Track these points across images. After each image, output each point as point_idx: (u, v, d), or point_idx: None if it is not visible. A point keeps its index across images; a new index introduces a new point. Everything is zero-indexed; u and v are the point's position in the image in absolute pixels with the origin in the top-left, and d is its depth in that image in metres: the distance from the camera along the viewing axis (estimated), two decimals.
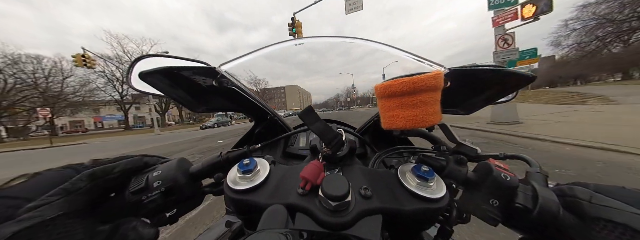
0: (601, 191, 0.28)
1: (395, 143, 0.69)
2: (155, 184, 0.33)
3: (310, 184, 0.31)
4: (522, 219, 0.30)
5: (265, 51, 0.52)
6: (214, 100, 0.59)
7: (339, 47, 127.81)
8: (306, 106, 0.42)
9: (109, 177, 0.30)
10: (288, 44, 0.54)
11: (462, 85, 0.41)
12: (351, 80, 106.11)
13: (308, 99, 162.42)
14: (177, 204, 0.36)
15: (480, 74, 0.40)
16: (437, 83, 0.31)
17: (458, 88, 0.40)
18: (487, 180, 0.33)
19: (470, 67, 0.40)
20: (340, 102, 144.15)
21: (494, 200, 0.32)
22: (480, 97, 0.47)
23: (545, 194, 0.30)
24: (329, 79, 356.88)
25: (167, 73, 0.41)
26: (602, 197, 0.27)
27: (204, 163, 0.40)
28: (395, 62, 46.45)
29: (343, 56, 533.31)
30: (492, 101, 0.48)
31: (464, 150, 0.40)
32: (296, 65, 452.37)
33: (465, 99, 0.49)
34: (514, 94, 0.49)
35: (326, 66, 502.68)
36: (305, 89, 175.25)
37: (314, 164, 0.34)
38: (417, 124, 0.32)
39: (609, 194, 0.27)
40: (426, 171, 0.34)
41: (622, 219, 0.24)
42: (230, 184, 0.33)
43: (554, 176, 1.65)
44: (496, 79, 0.40)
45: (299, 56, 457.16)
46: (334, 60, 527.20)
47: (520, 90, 0.49)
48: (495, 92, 0.44)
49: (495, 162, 0.36)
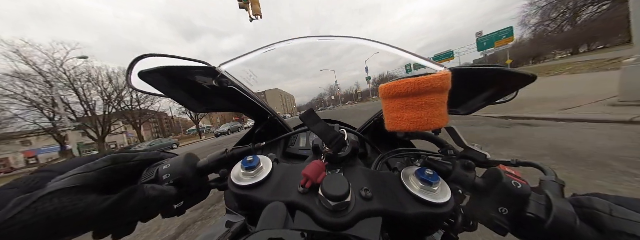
0: (622, 203, 0.27)
1: (398, 144, 0.69)
2: (164, 177, 0.35)
3: (310, 182, 0.31)
4: (534, 230, 0.29)
5: (265, 50, 0.53)
6: (214, 100, 0.59)
7: (316, 47, 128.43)
8: (290, 109, 0.43)
9: (128, 164, 0.34)
10: (287, 43, 0.55)
11: (461, 85, 0.41)
12: (333, 76, 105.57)
13: (291, 102, 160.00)
14: (184, 197, 0.37)
15: (480, 73, 0.40)
16: (443, 84, 0.30)
17: (458, 88, 0.40)
18: (495, 187, 0.32)
19: (470, 67, 0.40)
20: (324, 102, 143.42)
21: (503, 208, 0.31)
22: (480, 97, 0.47)
23: (560, 204, 0.29)
24: (309, 80, 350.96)
25: (167, 72, 0.41)
26: (624, 210, 0.26)
27: (210, 159, 0.41)
28: (377, 53, 46.32)
29: (321, 56, 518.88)
30: (491, 101, 0.48)
31: (472, 155, 0.39)
32: (275, 69, 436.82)
33: (465, 99, 0.50)
34: (514, 93, 0.49)
35: (305, 67, 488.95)
36: (288, 92, 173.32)
37: (316, 162, 0.34)
38: (422, 127, 0.31)
39: (631, 207, 0.26)
40: (430, 175, 0.33)
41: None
42: (234, 179, 0.34)
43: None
44: (496, 79, 0.40)
45: (277, 60, 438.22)
46: (313, 61, 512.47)
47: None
48: (495, 92, 0.44)
49: (505, 169, 0.35)
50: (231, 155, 0.42)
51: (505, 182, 0.32)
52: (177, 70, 0.42)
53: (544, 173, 0.37)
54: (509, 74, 0.37)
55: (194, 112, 0.59)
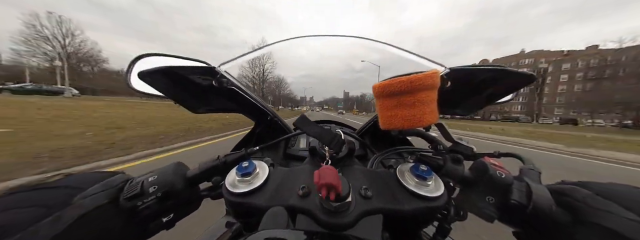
0: (607, 193, 0.27)
1: (394, 143, 0.69)
2: (150, 189, 0.32)
3: (333, 193, 0.28)
4: (517, 215, 0.31)
5: (265, 50, 0.53)
6: (214, 100, 0.59)
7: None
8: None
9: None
10: (287, 43, 0.55)
11: (462, 84, 0.41)
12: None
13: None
14: (173, 209, 0.35)
15: (480, 73, 0.40)
16: (433, 82, 0.31)
17: (458, 88, 0.41)
18: (483, 178, 0.34)
19: (471, 66, 0.40)
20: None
21: (490, 197, 0.33)
22: (480, 97, 0.48)
23: (538, 190, 0.31)
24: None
25: (167, 72, 0.40)
26: (604, 201, 0.26)
27: (201, 167, 0.39)
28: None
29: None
30: (492, 101, 0.48)
31: (460, 149, 0.40)
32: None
33: (465, 98, 0.50)
34: (514, 93, 0.50)
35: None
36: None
37: (327, 168, 0.30)
38: (415, 124, 0.32)
39: (616, 197, 0.26)
40: (424, 170, 0.34)
41: (610, 224, 0.24)
42: (229, 187, 0.33)
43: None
44: (496, 79, 0.40)
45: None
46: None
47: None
48: (496, 91, 0.44)
49: (490, 160, 0.36)
50: (224, 162, 0.40)
51: (491, 173, 0.33)
52: (177, 70, 0.41)
53: (523, 162, 0.39)
54: (508, 73, 0.37)
55: (193, 112, 0.58)
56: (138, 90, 0.49)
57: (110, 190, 0.31)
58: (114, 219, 0.29)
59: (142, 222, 0.32)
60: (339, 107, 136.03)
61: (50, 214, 0.25)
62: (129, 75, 0.48)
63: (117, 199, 0.31)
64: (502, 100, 0.51)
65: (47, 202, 0.27)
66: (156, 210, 0.33)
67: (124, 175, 0.35)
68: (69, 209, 0.26)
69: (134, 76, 0.44)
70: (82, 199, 0.28)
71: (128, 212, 0.31)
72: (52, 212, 0.25)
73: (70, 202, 0.27)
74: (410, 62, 0.50)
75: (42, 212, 0.25)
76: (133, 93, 13.34)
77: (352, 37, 0.54)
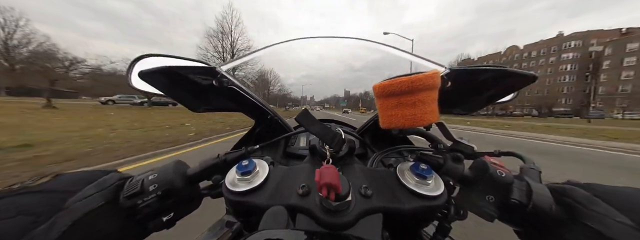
0: (607, 197, 0.27)
1: (395, 142, 0.69)
2: (150, 188, 0.32)
3: (333, 193, 0.29)
4: (517, 214, 0.31)
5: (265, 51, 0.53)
6: (214, 100, 0.59)
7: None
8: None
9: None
10: (288, 43, 0.55)
11: (462, 84, 0.41)
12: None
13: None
14: (173, 208, 0.35)
15: (481, 73, 0.40)
16: (434, 82, 0.31)
17: (458, 88, 0.41)
18: (483, 177, 0.34)
19: (471, 66, 0.40)
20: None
21: (490, 196, 0.33)
22: (481, 97, 0.48)
23: (538, 189, 0.31)
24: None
25: (167, 72, 0.41)
26: (596, 201, 0.27)
27: (202, 165, 0.39)
28: None
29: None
30: (492, 101, 0.48)
31: (460, 148, 0.41)
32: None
33: (465, 98, 0.50)
34: (515, 93, 0.50)
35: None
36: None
37: (328, 168, 0.31)
38: (416, 123, 0.32)
39: (615, 203, 0.26)
40: (424, 169, 0.34)
41: (598, 225, 0.25)
42: (229, 185, 0.33)
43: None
44: (497, 79, 0.40)
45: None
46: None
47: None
48: (496, 92, 0.44)
49: (490, 159, 0.36)
50: (224, 161, 0.40)
51: (491, 172, 0.33)
52: (177, 70, 0.41)
53: (523, 161, 0.39)
54: (509, 73, 0.37)
55: (193, 111, 0.58)
56: (139, 89, 0.50)
57: (106, 191, 0.30)
58: (112, 220, 0.28)
59: (142, 222, 0.32)
60: (343, 105, 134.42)
61: (42, 221, 0.24)
62: (129, 75, 0.49)
63: (114, 199, 0.30)
64: (503, 100, 0.51)
65: (35, 209, 0.25)
66: (156, 209, 0.32)
67: (117, 174, 0.34)
68: (62, 214, 0.25)
69: (134, 76, 0.44)
70: (75, 203, 0.26)
71: (127, 211, 0.31)
72: (43, 219, 0.24)
73: (62, 206, 0.26)
74: (414, 55, 0.50)
75: (30, 220, 0.23)
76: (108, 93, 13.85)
77: (354, 38, 0.55)
